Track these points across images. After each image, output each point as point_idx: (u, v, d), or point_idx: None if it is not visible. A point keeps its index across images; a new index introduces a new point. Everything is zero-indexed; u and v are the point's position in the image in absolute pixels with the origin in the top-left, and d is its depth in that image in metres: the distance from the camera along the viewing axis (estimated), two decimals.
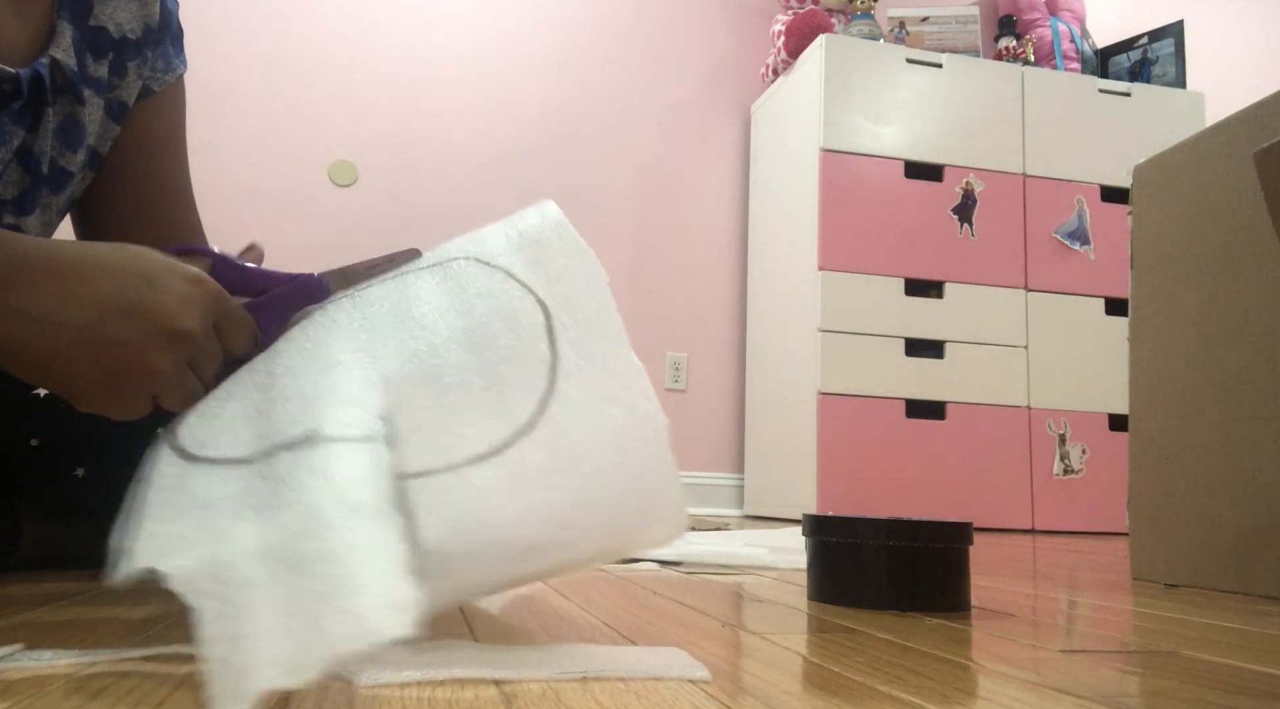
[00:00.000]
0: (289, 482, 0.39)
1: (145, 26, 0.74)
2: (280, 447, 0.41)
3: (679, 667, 0.40)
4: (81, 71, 0.68)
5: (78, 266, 0.46)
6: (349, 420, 0.41)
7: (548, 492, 0.42)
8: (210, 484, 0.41)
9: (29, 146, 0.65)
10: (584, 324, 0.47)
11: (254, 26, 2.69)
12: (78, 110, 0.69)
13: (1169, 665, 0.48)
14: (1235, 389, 0.89)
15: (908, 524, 0.66)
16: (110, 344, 0.45)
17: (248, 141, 2.64)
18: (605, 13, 2.97)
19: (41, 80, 0.64)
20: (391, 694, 0.35)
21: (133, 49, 0.73)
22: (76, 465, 0.68)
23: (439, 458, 0.41)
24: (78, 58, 0.68)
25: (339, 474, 0.38)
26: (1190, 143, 0.98)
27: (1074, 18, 3.02)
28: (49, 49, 0.65)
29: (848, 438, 2.33)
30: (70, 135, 0.69)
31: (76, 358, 0.45)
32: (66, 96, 0.67)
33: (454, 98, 2.81)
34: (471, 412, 0.43)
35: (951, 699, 0.38)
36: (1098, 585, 0.94)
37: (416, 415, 0.43)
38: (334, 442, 0.40)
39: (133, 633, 0.46)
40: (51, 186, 0.69)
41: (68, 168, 0.70)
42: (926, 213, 2.48)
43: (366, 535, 0.36)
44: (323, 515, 0.36)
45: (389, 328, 0.46)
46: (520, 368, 0.45)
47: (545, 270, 0.49)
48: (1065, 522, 2.43)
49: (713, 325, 2.92)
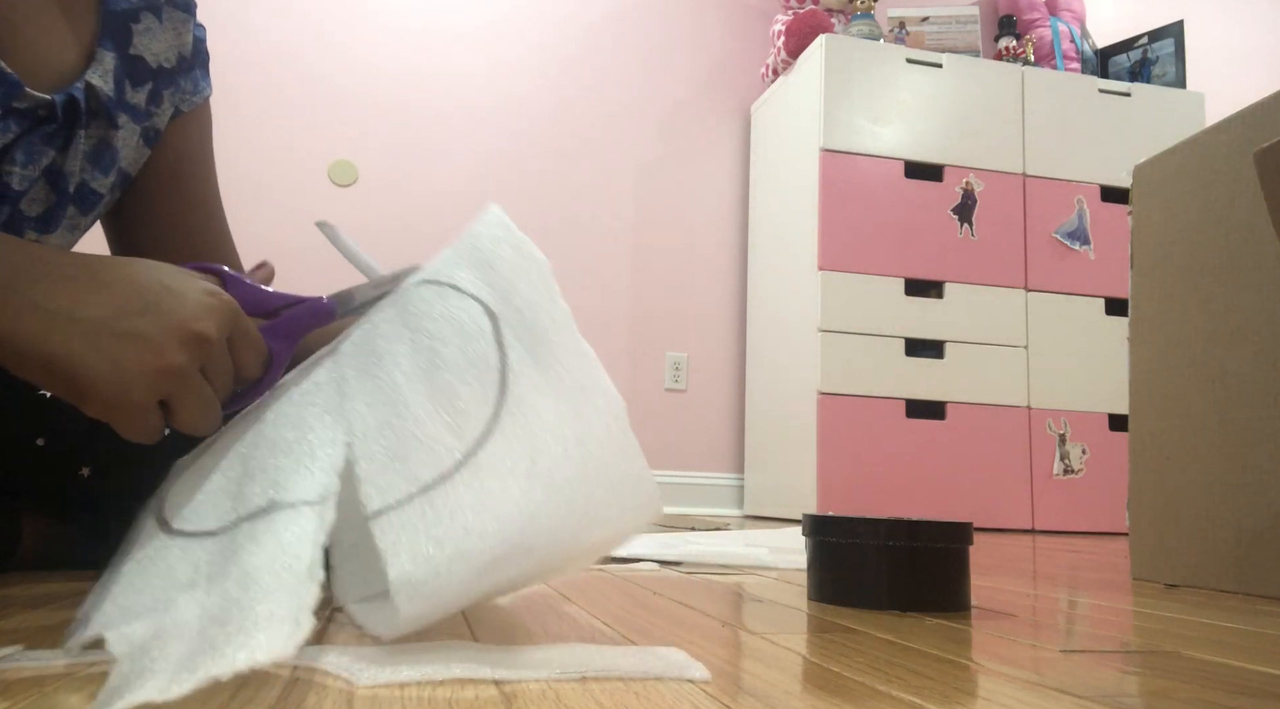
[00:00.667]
0: (242, 550, 0.40)
1: (179, 55, 0.76)
2: (244, 517, 0.42)
3: (678, 667, 0.40)
4: (119, 98, 0.69)
5: (99, 269, 0.46)
6: (306, 485, 0.42)
7: (512, 498, 0.42)
8: (183, 557, 0.42)
9: (58, 166, 0.66)
10: (530, 321, 0.48)
11: (254, 26, 2.69)
12: (111, 134, 0.70)
13: (1169, 665, 0.48)
14: (1235, 389, 0.89)
15: (908, 524, 0.66)
16: (127, 338, 0.45)
17: (248, 141, 2.64)
18: (605, 13, 2.97)
19: (76, 104, 0.65)
20: (391, 694, 0.35)
21: (167, 78, 0.75)
22: (81, 465, 0.68)
23: (403, 489, 0.42)
24: (116, 84, 0.69)
25: (286, 538, 0.39)
26: (1190, 143, 0.98)
27: (1074, 18, 3.02)
28: (86, 73, 0.66)
29: (848, 438, 2.33)
30: (101, 158, 0.70)
31: (90, 353, 0.44)
32: (100, 121, 0.68)
33: (454, 97, 2.81)
34: (433, 436, 0.44)
35: (951, 699, 0.38)
36: (1098, 585, 0.94)
37: (379, 458, 0.43)
38: (288, 507, 0.41)
39: None
40: (79, 206, 0.70)
41: (97, 189, 0.71)
42: (926, 213, 2.48)
43: (289, 588, 0.37)
44: (258, 579, 0.37)
45: (358, 378, 0.47)
46: (475, 381, 0.46)
47: (490, 274, 0.50)
48: (1065, 522, 2.43)
49: (713, 325, 2.92)
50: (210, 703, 0.32)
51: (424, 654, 0.40)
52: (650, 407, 2.83)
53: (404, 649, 0.41)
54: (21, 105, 0.60)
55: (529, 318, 0.48)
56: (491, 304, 0.48)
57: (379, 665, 0.37)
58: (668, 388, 2.85)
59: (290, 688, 0.35)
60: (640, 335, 2.85)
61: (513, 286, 0.49)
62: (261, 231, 2.57)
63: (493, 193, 2.80)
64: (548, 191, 2.84)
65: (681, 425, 2.85)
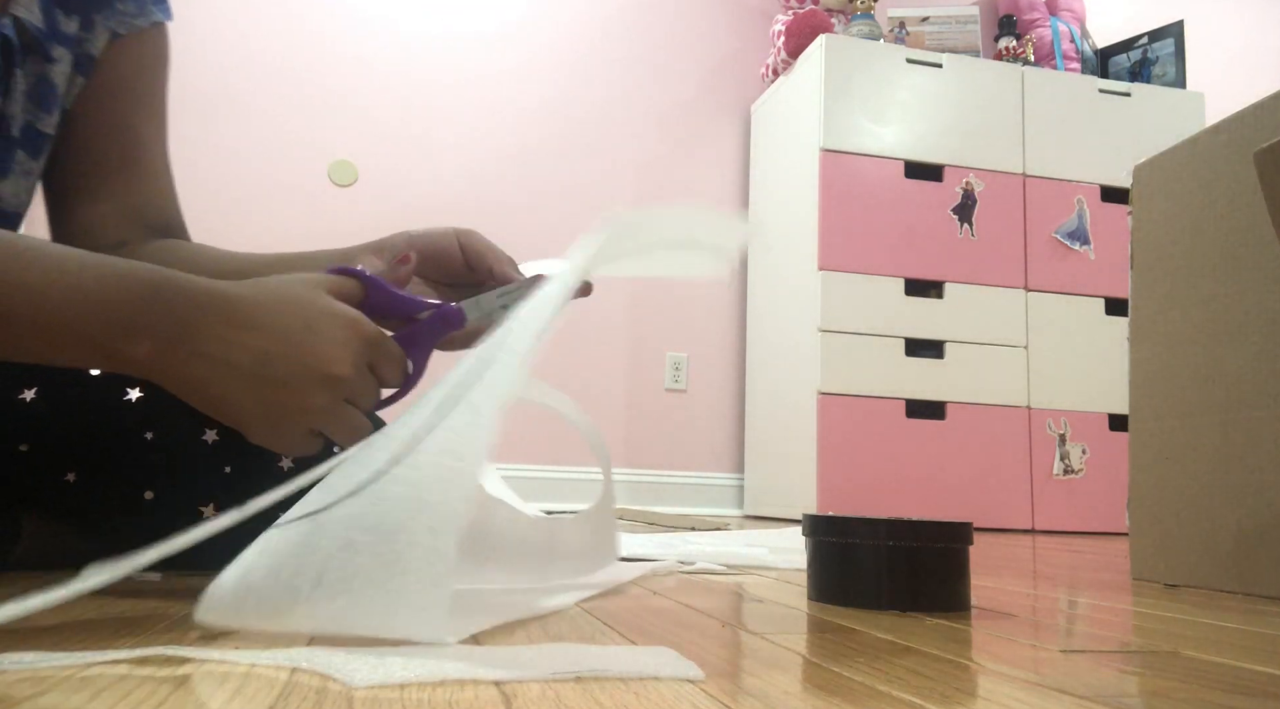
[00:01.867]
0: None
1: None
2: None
3: (671, 666, 0.40)
4: (50, 28, 0.66)
5: (247, 313, 0.50)
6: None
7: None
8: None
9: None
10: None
11: (254, 26, 2.69)
12: (48, 69, 0.67)
13: (1169, 665, 0.48)
14: (1235, 389, 0.89)
15: (908, 524, 0.66)
16: (272, 384, 0.50)
17: (248, 141, 2.64)
18: (605, 13, 2.97)
19: (8, 41, 0.63)
20: (391, 695, 0.35)
21: (100, 0, 0.71)
22: (66, 471, 0.67)
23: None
24: (44, 14, 0.66)
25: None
26: (1190, 143, 0.98)
27: (1074, 18, 3.02)
28: (9, 7, 0.63)
29: (848, 438, 2.33)
30: (44, 97, 0.67)
31: (244, 397, 0.50)
32: (35, 56, 0.66)
33: (454, 97, 2.81)
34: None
35: (951, 699, 0.38)
36: (1098, 585, 0.94)
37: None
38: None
39: (132, 633, 0.46)
40: (27, 150, 0.68)
41: (44, 130, 0.68)
42: (926, 213, 2.48)
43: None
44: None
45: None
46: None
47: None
48: (1065, 522, 2.42)
49: (713, 325, 2.92)
50: (210, 703, 0.32)
51: (423, 655, 0.40)
52: (650, 407, 2.83)
53: (404, 650, 0.41)
54: None
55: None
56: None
57: (378, 666, 0.37)
58: (668, 388, 2.85)
59: (290, 688, 0.35)
60: (640, 335, 2.85)
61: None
62: (262, 231, 2.57)
63: (493, 192, 2.80)
64: (548, 191, 2.84)
65: (681, 425, 2.85)
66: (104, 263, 0.49)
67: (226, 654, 0.40)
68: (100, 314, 0.47)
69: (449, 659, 0.39)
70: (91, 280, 0.48)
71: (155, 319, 0.48)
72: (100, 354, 0.48)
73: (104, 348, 0.48)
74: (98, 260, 0.49)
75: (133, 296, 0.48)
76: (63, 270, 0.47)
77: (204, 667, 0.38)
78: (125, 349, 0.48)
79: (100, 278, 0.48)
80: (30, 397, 0.64)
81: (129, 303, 0.48)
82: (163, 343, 0.48)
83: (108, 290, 0.48)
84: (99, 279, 0.48)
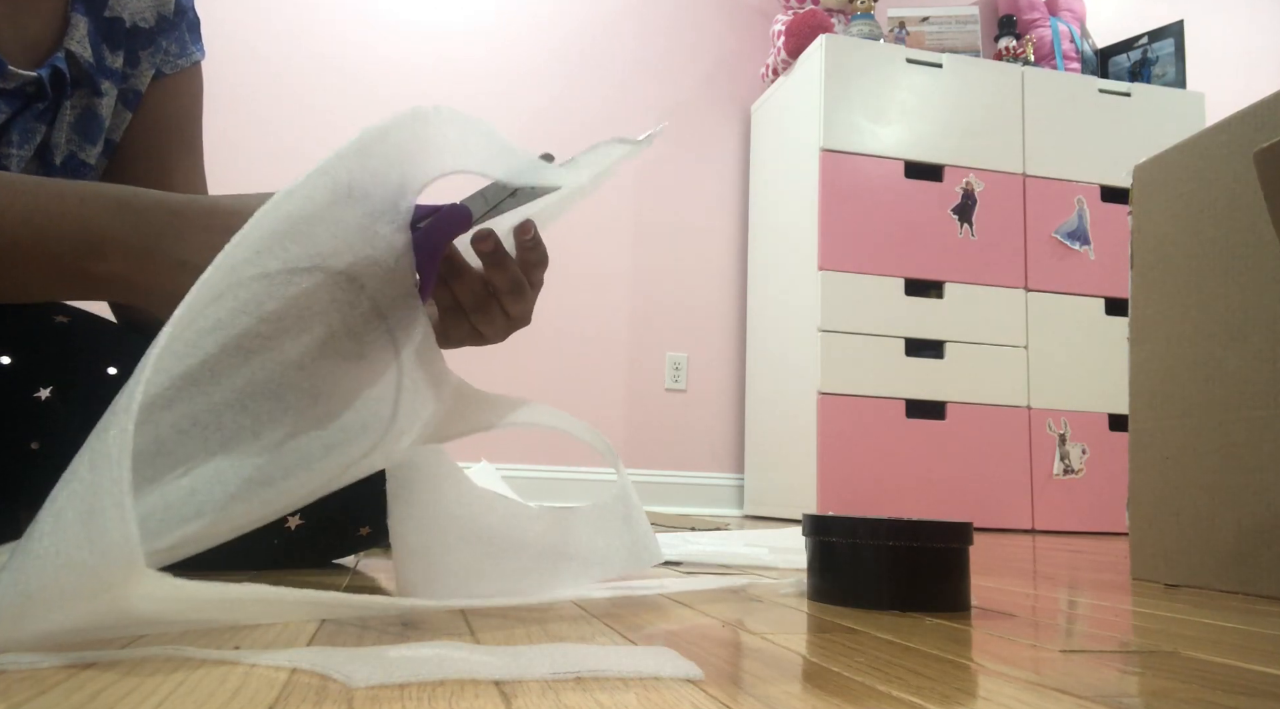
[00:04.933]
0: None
1: (159, 15, 0.74)
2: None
3: (671, 666, 0.40)
4: (98, 63, 0.68)
5: (225, 219, 0.48)
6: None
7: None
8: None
9: (44, 139, 0.65)
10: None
11: (256, 25, 2.69)
12: (95, 102, 0.69)
13: (1169, 665, 0.48)
14: (1235, 389, 0.89)
15: (908, 524, 0.66)
16: None
17: (250, 140, 2.64)
18: (605, 12, 2.97)
19: (61, 75, 0.64)
20: (391, 695, 0.35)
21: (145, 38, 0.73)
22: None
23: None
24: (94, 49, 0.67)
25: None
26: (1190, 143, 0.98)
27: (1074, 18, 3.02)
28: (64, 42, 0.65)
29: (848, 438, 2.33)
30: (88, 128, 0.69)
31: None
32: (83, 89, 0.67)
33: (454, 96, 2.81)
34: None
35: (951, 699, 0.38)
36: (1098, 585, 0.94)
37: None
38: None
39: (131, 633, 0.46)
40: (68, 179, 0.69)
41: (85, 161, 0.70)
42: (926, 213, 2.48)
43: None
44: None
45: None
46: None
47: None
48: (1065, 522, 2.43)
49: (713, 325, 2.92)
50: (210, 703, 0.32)
51: (423, 655, 0.40)
52: (650, 406, 2.83)
53: (403, 650, 0.41)
54: (8, 85, 0.60)
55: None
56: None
57: (378, 666, 0.37)
58: (668, 388, 2.85)
59: (290, 688, 0.35)
60: (640, 335, 2.85)
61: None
62: None
63: None
64: None
65: (681, 425, 2.85)
66: (64, 183, 0.47)
67: (226, 654, 0.40)
68: (62, 231, 0.46)
69: (449, 659, 0.39)
70: (50, 199, 0.46)
71: (124, 232, 0.47)
72: (68, 276, 0.47)
73: (70, 268, 0.46)
74: (57, 182, 0.48)
75: (97, 210, 0.47)
76: (15, 191, 0.46)
77: (204, 667, 0.38)
78: (93, 267, 0.46)
79: (59, 196, 0.46)
80: (45, 395, 0.64)
81: (93, 216, 0.46)
82: (135, 256, 0.47)
83: (68, 206, 0.46)
84: (58, 197, 0.46)
